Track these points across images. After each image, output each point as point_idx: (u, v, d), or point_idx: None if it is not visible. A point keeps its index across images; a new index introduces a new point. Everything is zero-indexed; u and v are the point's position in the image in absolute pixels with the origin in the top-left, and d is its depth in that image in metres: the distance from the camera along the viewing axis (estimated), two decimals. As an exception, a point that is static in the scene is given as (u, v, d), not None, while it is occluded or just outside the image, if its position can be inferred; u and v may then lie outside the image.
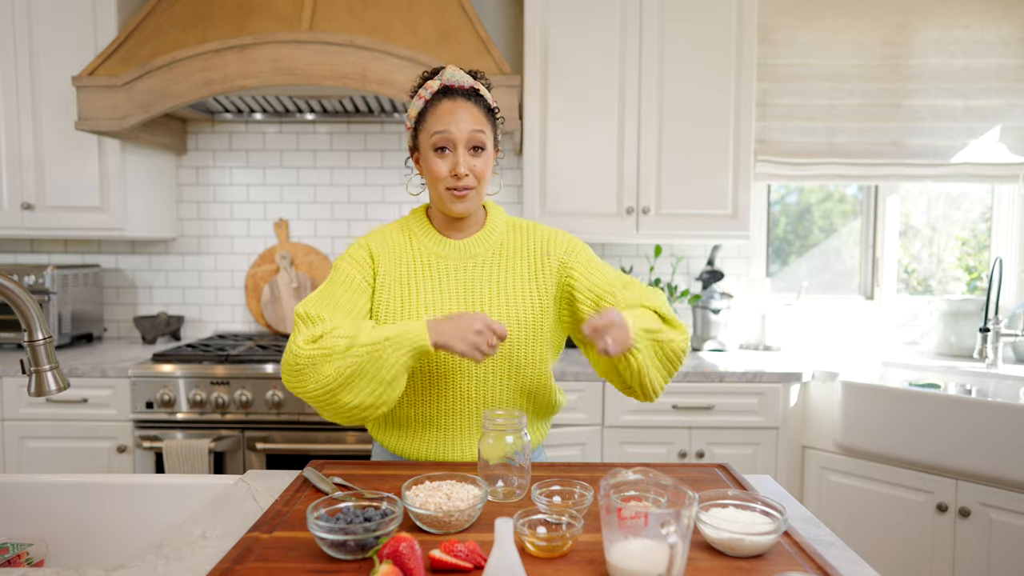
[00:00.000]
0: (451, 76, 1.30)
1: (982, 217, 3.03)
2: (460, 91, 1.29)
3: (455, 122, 1.26)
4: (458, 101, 1.28)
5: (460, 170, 1.26)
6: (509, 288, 1.34)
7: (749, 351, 2.81)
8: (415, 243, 1.36)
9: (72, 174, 2.58)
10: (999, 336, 2.39)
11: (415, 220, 1.39)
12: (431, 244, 1.36)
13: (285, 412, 2.31)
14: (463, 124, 1.27)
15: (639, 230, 2.59)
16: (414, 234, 1.37)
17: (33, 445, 2.34)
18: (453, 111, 1.27)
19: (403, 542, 0.86)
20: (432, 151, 1.28)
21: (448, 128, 1.26)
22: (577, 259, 1.36)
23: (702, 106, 2.55)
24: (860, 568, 0.94)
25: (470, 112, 1.28)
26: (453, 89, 1.29)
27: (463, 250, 1.35)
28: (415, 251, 1.35)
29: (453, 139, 1.27)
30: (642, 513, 0.83)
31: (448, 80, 1.29)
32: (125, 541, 1.24)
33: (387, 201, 2.97)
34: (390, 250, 1.35)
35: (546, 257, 1.36)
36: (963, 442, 2.05)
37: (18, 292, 1.03)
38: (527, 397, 1.37)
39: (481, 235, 1.37)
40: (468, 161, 1.27)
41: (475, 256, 1.35)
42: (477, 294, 1.32)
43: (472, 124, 1.27)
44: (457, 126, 1.26)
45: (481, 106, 1.31)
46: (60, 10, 2.52)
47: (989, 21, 2.76)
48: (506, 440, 1.13)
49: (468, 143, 1.27)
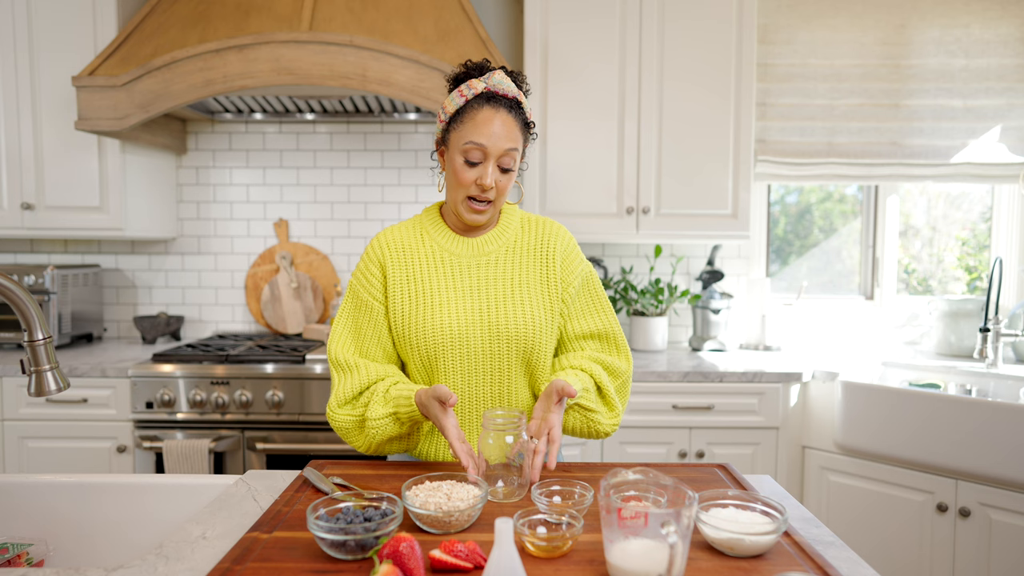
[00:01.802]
0: (498, 83, 1.26)
1: (982, 217, 3.03)
2: (504, 100, 1.26)
3: (492, 137, 1.24)
4: (500, 111, 1.25)
5: (487, 183, 1.25)
6: (523, 287, 1.33)
7: (749, 351, 2.81)
8: (427, 240, 1.36)
9: (72, 174, 2.58)
10: (999, 336, 2.39)
11: (428, 218, 1.38)
12: (444, 241, 1.35)
13: (285, 412, 2.31)
14: (499, 141, 1.24)
15: (639, 230, 2.59)
16: (426, 231, 1.37)
17: (33, 445, 2.34)
18: (492, 121, 1.24)
19: (403, 542, 0.86)
20: (462, 157, 1.26)
21: (485, 143, 1.24)
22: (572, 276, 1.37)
23: (702, 106, 2.55)
24: (860, 568, 0.94)
25: (509, 127, 1.26)
26: (497, 96, 1.26)
27: (476, 248, 1.34)
28: (427, 248, 1.35)
29: (486, 152, 1.25)
30: (642, 513, 0.83)
31: (494, 86, 1.26)
32: (125, 541, 1.24)
33: (387, 201, 2.97)
34: (400, 248, 1.35)
35: (552, 259, 1.36)
36: (963, 442, 2.04)
37: (18, 292, 1.03)
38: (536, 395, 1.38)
39: (495, 233, 1.36)
40: (495, 176, 1.26)
41: (488, 254, 1.34)
42: (491, 292, 1.32)
43: (508, 142, 1.25)
44: (493, 142, 1.24)
45: (519, 120, 1.28)
46: (60, 10, 2.52)
47: (989, 21, 2.76)
48: (506, 440, 1.13)
49: (499, 160, 1.26)
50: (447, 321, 1.29)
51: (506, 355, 1.30)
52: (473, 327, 1.29)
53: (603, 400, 1.35)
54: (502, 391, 1.33)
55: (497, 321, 1.30)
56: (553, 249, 1.36)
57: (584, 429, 1.34)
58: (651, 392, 2.36)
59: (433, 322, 1.29)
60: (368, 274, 1.34)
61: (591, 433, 1.35)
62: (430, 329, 1.29)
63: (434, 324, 1.29)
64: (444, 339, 1.29)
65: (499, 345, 1.30)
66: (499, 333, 1.29)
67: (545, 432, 1.18)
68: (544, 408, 1.21)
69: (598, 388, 1.34)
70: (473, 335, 1.29)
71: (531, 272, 1.34)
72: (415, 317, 1.30)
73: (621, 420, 1.40)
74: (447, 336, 1.29)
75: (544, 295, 1.34)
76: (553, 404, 1.20)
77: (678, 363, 2.50)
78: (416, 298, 1.31)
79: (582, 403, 1.30)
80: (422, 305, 1.31)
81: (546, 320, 1.33)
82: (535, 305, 1.32)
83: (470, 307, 1.30)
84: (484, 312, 1.30)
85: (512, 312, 1.30)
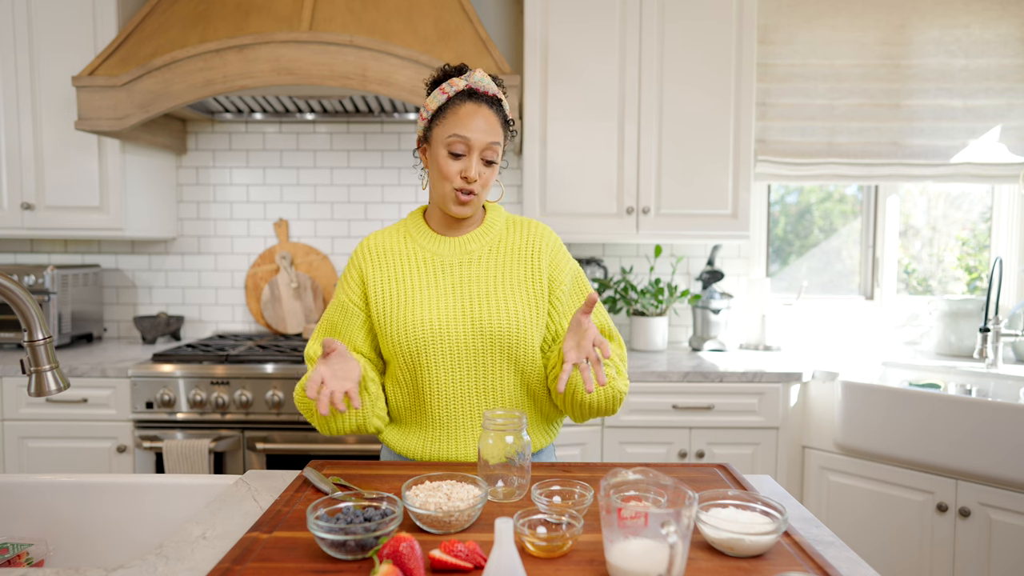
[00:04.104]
0: (479, 80, 1.31)
1: (982, 217, 3.03)
2: (485, 97, 1.31)
3: (476, 129, 1.28)
4: (482, 107, 1.29)
5: (471, 174, 1.28)
6: (507, 285, 1.34)
7: (749, 351, 2.81)
8: (410, 242, 1.38)
9: (72, 174, 2.58)
10: (999, 336, 2.39)
11: (411, 221, 1.42)
12: (426, 242, 1.37)
13: (285, 412, 2.31)
14: (482, 135, 1.28)
15: (639, 230, 2.59)
16: (409, 233, 1.39)
17: (33, 445, 2.34)
18: (475, 116, 1.28)
19: (403, 542, 0.86)
20: (446, 150, 1.29)
21: (468, 136, 1.27)
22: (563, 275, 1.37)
23: (702, 106, 2.55)
24: (860, 568, 0.94)
25: (490, 121, 1.29)
26: (478, 93, 1.30)
27: (460, 247, 1.36)
28: (410, 249, 1.37)
29: (470, 145, 1.28)
30: (642, 513, 0.83)
31: (476, 83, 1.31)
32: (125, 541, 1.24)
33: (387, 201, 2.97)
34: (382, 250, 1.38)
35: (539, 258, 1.37)
36: (963, 442, 2.04)
37: (18, 292, 1.03)
38: (530, 397, 1.38)
39: (479, 232, 1.38)
40: (479, 169, 1.29)
41: (471, 252, 1.36)
42: (473, 289, 1.33)
43: (490, 136, 1.29)
44: (476, 135, 1.28)
45: (500, 116, 1.33)
46: (60, 10, 2.52)
47: (989, 21, 2.76)
48: (506, 440, 1.13)
49: (482, 152, 1.29)
50: (428, 317, 1.30)
51: (490, 351, 1.31)
52: (455, 323, 1.31)
53: (612, 366, 1.34)
54: (487, 386, 1.34)
55: (480, 317, 1.31)
56: (539, 250, 1.37)
57: (605, 395, 1.31)
58: (651, 392, 2.36)
59: (414, 318, 1.31)
60: (349, 278, 1.39)
61: (610, 399, 1.32)
62: (411, 325, 1.30)
63: (415, 320, 1.30)
64: (426, 334, 1.30)
65: (482, 341, 1.31)
66: (482, 329, 1.30)
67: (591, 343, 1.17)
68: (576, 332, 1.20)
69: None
70: (455, 331, 1.30)
71: (515, 271, 1.35)
72: (397, 314, 1.32)
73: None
74: (428, 332, 1.30)
75: (529, 293, 1.34)
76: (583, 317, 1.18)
77: (678, 363, 2.50)
78: (397, 297, 1.33)
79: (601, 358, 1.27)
80: (404, 303, 1.32)
81: (530, 317, 1.33)
82: (519, 302, 1.33)
83: (452, 303, 1.32)
84: (467, 308, 1.31)
85: (495, 308, 1.31)
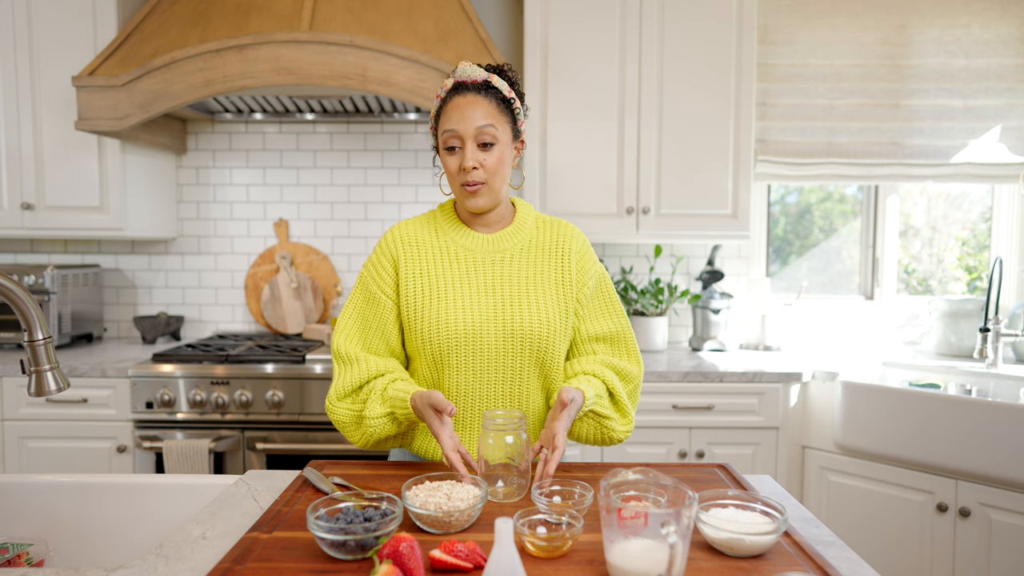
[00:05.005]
0: (462, 72, 1.29)
1: (982, 217, 3.03)
2: (471, 86, 1.28)
3: (462, 119, 1.26)
4: (468, 96, 1.27)
5: (467, 163, 1.25)
6: (539, 287, 1.32)
7: (749, 351, 2.81)
8: (441, 235, 1.35)
9: (72, 174, 2.58)
10: (999, 336, 2.39)
11: (442, 213, 1.38)
12: (458, 236, 1.34)
13: (285, 412, 2.31)
14: (469, 121, 1.26)
15: (639, 230, 2.59)
16: (440, 227, 1.36)
17: (33, 445, 2.34)
18: (461, 107, 1.27)
19: (403, 542, 0.86)
20: (444, 149, 1.29)
21: (454, 126, 1.26)
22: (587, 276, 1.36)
23: (702, 106, 2.55)
24: (860, 568, 0.94)
25: (479, 107, 1.27)
26: (465, 85, 1.28)
27: (491, 244, 1.34)
28: (442, 243, 1.34)
29: (460, 136, 1.26)
30: (642, 513, 0.83)
31: (459, 76, 1.29)
32: (125, 541, 1.24)
33: (387, 201, 2.97)
34: (414, 241, 1.34)
35: (568, 259, 1.35)
36: (963, 442, 2.04)
37: (18, 292, 1.02)
38: (549, 398, 1.37)
39: (510, 230, 1.35)
40: (476, 155, 1.26)
41: (503, 251, 1.33)
42: (506, 290, 1.31)
43: (480, 120, 1.26)
44: (463, 124, 1.26)
45: (494, 99, 1.29)
46: (60, 10, 2.52)
47: (989, 21, 2.76)
48: (506, 440, 1.13)
49: (476, 139, 1.26)
50: (461, 317, 1.28)
51: (519, 354, 1.29)
52: (487, 324, 1.28)
53: (616, 406, 1.34)
54: (513, 391, 1.31)
55: (512, 319, 1.28)
56: (568, 249, 1.35)
57: (598, 436, 1.33)
58: (651, 392, 2.36)
59: (447, 318, 1.28)
60: (379, 267, 1.34)
61: (605, 440, 1.34)
62: (443, 325, 1.27)
63: (447, 320, 1.28)
64: (457, 336, 1.27)
65: (513, 344, 1.28)
66: (513, 332, 1.28)
67: (550, 439, 1.18)
68: (552, 417, 1.21)
69: (611, 394, 1.33)
70: (487, 333, 1.28)
71: (546, 271, 1.33)
72: (428, 312, 1.29)
73: (633, 426, 1.39)
74: (460, 333, 1.27)
75: (559, 295, 1.32)
76: (559, 412, 1.19)
77: (678, 363, 2.50)
78: (430, 293, 1.30)
79: (596, 410, 1.29)
80: (436, 300, 1.29)
81: (560, 320, 1.31)
82: (550, 305, 1.31)
83: (485, 304, 1.29)
84: (499, 310, 1.29)
85: (527, 311, 1.29)
